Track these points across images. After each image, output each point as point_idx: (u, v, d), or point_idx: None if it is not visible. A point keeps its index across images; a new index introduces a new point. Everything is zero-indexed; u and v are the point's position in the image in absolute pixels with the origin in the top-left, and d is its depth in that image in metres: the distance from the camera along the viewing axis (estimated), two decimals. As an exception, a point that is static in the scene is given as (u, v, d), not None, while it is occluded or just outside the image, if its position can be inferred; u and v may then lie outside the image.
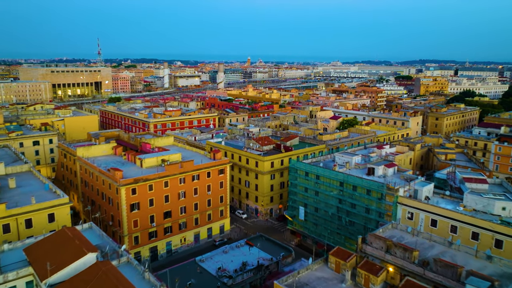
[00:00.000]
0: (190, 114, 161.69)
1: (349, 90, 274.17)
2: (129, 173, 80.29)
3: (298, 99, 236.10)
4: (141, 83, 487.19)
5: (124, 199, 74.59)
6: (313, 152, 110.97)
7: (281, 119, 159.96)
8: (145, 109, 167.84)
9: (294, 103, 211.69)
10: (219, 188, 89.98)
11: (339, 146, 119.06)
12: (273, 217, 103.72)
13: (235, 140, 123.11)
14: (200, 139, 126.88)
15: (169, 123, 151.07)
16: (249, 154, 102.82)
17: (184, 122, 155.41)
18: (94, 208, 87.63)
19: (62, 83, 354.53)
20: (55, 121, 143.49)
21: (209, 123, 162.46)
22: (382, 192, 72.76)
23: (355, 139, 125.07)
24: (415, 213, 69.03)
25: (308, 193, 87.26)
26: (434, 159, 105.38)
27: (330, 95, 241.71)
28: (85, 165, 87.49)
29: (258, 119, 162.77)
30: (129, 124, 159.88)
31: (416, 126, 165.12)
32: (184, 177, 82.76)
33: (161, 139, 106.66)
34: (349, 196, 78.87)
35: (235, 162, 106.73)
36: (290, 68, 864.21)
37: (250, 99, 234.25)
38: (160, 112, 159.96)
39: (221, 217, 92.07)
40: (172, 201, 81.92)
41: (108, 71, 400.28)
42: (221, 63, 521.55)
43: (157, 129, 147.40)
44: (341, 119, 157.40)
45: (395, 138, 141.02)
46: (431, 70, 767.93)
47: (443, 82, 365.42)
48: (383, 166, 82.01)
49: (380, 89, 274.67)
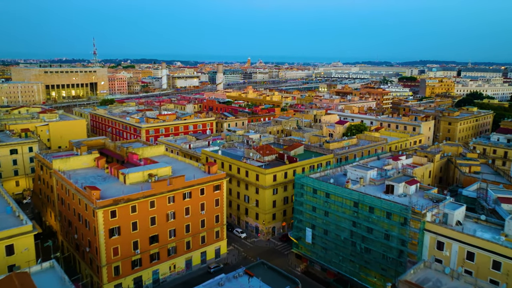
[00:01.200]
0: (185, 118, 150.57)
1: (353, 92, 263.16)
2: (109, 191, 69.21)
3: (301, 102, 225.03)
4: (139, 84, 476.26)
5: (102, 224, 63.43)
6: (320, 163, 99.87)
7: (283, 124, 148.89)
8: (137, 113, 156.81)
9: (296, 106, 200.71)
10: (214, 206, 78.85)
11: (348, 155, 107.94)
12: (276, 236, 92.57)
13: (233, 148, 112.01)
14: (195, 147, 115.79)
15: (162, 129, 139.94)
16: (249, 166, 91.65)
17: (179, 127, 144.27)
18: (71, 230, 76.56)
19: (56, 84, 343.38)
20: (39, 126, 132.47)
21: (206, 128, 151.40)
22: (405, 217, 61.60)
23: (365, 147, 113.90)
24: (447, 243, 57.89)
25: (317, 213, 76.12)
26: (456, 171, 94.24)
27: (334, 97, 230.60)
28: (61, 180, 76.37)
29: (259, 124, 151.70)
30: (120, 129, 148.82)
31: (428, 131, 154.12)
32: (174, 195, 71.63)
33: (151, 149, 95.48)
34: (365, 219, 67.72)
35: (233, 175, 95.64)
36: (290, 69, 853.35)
37: (250, 102, 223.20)
38: (153, 117, 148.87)
39: (216, 239, 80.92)
40: (160, 224, 70.80)
41: (104, 71, 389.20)
42: (221, 63, 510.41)
43: (149, 135, 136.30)
44: (347, 124, 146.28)
45: (407, 145, 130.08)
46: (434, 71, 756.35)
47: (449, 83, 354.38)
48: (403, 183, 70.85)
49: (385, 91, 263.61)
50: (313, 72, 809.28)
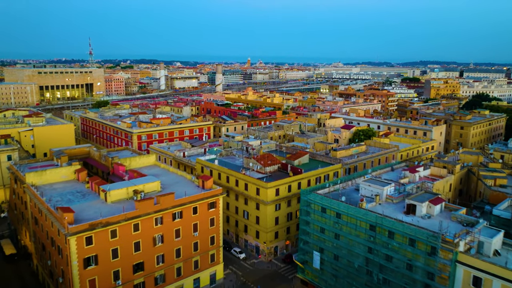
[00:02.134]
0: (181, 122, 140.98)
1: (357, 94, 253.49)
2: (87, 211, 59.78)
3: (303, 104, 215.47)
4: (137, 85, 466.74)
5: (75, 253, 53.92)
6: (327, 174, 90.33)
7: (286, 128, 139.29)
8: (130, 117, 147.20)
9: (298, 109, 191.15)
10: (209, 226, 69.32)
11: (357, 165, 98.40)
12: (278, 257, 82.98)
13: (231, 156, 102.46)
14: (190, 155, 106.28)
15: (155, 134, 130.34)
16: (248, 179, 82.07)
17: (174, 132, 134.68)
18: (44, 255, 67.06)
19: (51, 85, 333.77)
20: (22, 132, 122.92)
21: (202, 133, 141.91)
22: (434, 245, 52.07)
23: (375, 155, 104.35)
24: (485, 279, 48.40)
25: (326, 235, 66.61)
26: (479, 184, 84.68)
27: (338, 100, 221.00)
28: (33, 197, 66.83)
29: (259, 129, 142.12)
30: (111, 135, 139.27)
31: (440, 136, 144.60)
32: (162, 216, 62.11)
33: (140, 159, 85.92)
34: (383, 245, 58.20)
35: (231, 187, 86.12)
36: (291, 69, 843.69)
37: (250, 104, 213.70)
38: (146, 121, 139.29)
39: (212, 264, 71.39)
40: (146, 249, 61.27)
41: (100, 72, 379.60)
42: (220, 64, 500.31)
43: (142, 140, 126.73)
44: (354, 128, 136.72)
45: (419, 152, 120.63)
46: (436, 72, 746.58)
47: (454, 84, 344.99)
48: (427, 202, 61.33)
49: (391, 93, 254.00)
50: (313, 73, 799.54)
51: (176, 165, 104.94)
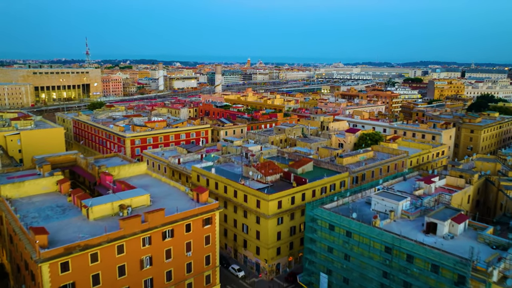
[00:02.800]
0: (177, 125, 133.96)
1: (360, 95, 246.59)
2: (65, 230, 52.87)
3: (304, 106, 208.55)
4: (135, 86, 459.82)
5: (48, 282, 46.95)
6: (333, 183, 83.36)
7: (287, 132, 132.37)
8: (124, 119, 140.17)
9: (300, 111, 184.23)
10: (204, 245, 62.29)
11: (365, 173, 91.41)
12: (281, 275, 75.95)
13: (230, 163, 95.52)
14: (185, 161, 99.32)
15: (150, 138, 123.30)
16: (248, 190, 75.09)
17: (169, 136, 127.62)
18: (19, 278, 60.06)
19: (46, 86, 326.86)
20: (8, 136, 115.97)
21: (200, 136, 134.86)
22: (462, 274, 45.11)
23: (384, 162, 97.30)
24: (524, 316, 41.40)
25: (334, 255, 59.68)
26: (500, 195, 77.72)
27: (340, 101, 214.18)
28: (7, 213, 59.81)
29: (260, 132, 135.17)
30: (103, 139, 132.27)
31: (449, 140, 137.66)
32: (150, 235, 55.14)
33: (129, 167, 78.95)
34: (401, 270, 51.26)
35: (229, 198, 79.19)
36: (291, 70, 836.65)
37: (250, 106, 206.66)
38: (141, 124, 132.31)
39: (207, 286, 64.35)
40: (132, 273, 54.29)
41: (97, 72, 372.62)
42: (219, 64, 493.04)
43: (135, 145, 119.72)
44: (359, 132, 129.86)
45: (429, 158, 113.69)
46: (438, 72, 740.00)
47: (458, 85, 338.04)
48: (449, 221, 54.38)
49: (394, 94, 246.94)
50: (314, 73, 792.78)
51: (171, 172, 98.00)
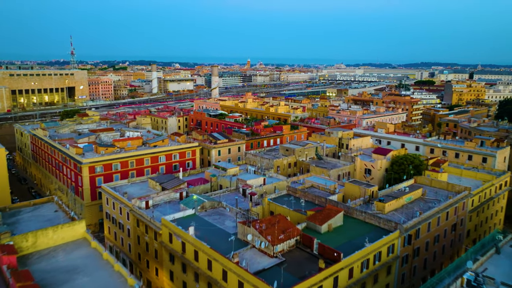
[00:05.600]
0: (155, 144, 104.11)
1: (374, 100, 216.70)
2: None
3: (313, 114, 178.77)
4: (127, 88, 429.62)
5: None
6: (378, 252, 53.45)
7: (297, 153, 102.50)
8: (89, 135, 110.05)
9: (309, 121, 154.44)
10: None
11: (419, 229, 61.40)
12: None
13: (219, 210, 65.72)
14: (157, 204, 69.52)
15: (117, 163, 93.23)
16: (245, 275, 45.09)
17: (144, 159, 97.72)
18: None
19: (25, 89, 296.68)
20: None
21: (185, 158, 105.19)
22: None
23: (442, 208, 67.22)
24: None
25: None
26: None
27: (354, 108, 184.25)
28: None
29: (262, 153, 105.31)
30: (60, 162, 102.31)
31: (503, 163, 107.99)
32: None
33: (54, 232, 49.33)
34: None
35: (215, 281, 49.33)
36: (292, 71, 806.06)
37: (249, 114, 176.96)
38: (108, 142, 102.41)
39: None
40: None
41: (83, 74, 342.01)
42: (215, 65, 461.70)
43: (96, 174, 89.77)
44: (391, 153, 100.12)
45: (491, 192, 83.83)
46: (445, 74, 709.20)
47: (479, 88, 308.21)
48: None
49: (415, 99, 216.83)
50: (316, 75, 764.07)
51: (135, 221, 68.12)
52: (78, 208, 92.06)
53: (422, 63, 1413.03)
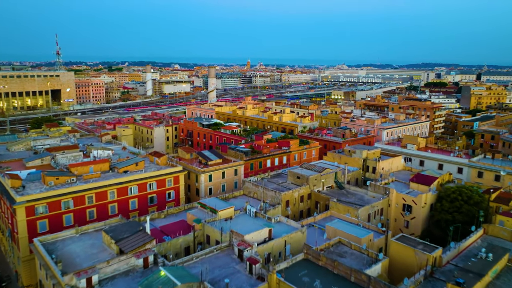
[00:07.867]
0: (126, 169, 79.45)
1: (390, 105, 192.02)
2: None
3: (324, 123, 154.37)
4: (119, 90, 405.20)
5: None
6: None
7: (311, 181, 77.80)
8: (42, 156, 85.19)
9: (320, 132, 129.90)
10: None
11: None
12: None
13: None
14: (108, 278, 44.93)
15: (69, 200, 68.38)
16: None
17: (108, 193, 72.89)
18: None
19: (5, 92, 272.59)
20: None
21: (165, 188, 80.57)
22: None
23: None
24: None
25: None
26: None
27: (369, 115, 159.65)
28: None
29: (265, 182, 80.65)
30: (-1, 192, 77.60)
31: None
32: None
33: None
34: None
35: None
36: (294, 72, 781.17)
37: (249, 123, 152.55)
38: (63, 167, 77.88)
39: None
40: None
41: (70, 76, 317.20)
42: (213, 66, 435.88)
43: (38, 216, 64.97)
44: (436, 182, 75.65)
45: None
46: (452, 75, 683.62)
47: (499, 91, 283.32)
48: None
49: (437, 104, 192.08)
50: (319, 76, 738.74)
51: (70, 310, 43.41)
52: (17, 260, 67.75)
53: (423, 64, 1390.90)
